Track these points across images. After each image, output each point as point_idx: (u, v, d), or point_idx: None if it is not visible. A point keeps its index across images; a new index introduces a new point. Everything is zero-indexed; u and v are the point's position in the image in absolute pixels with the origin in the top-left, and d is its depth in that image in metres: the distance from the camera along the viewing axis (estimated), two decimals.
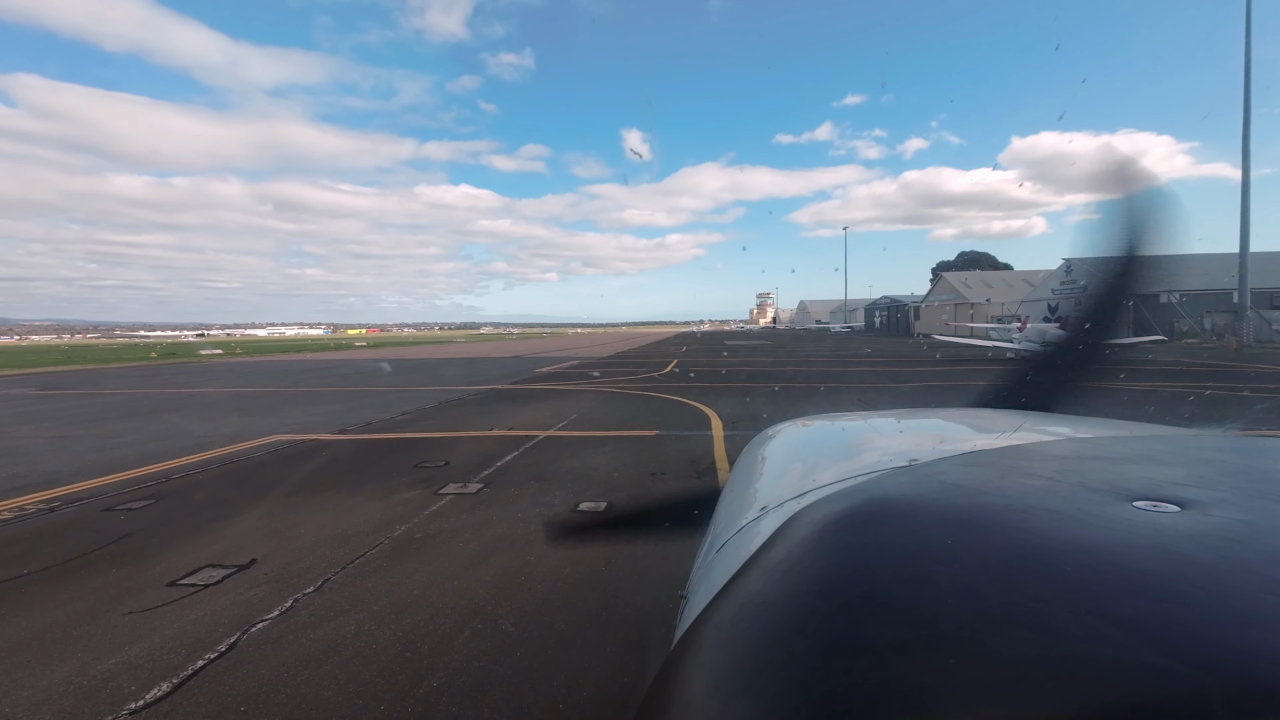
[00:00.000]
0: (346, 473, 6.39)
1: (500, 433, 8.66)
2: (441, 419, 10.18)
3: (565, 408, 11.17)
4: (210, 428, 9.74)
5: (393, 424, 9.77)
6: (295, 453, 7.56)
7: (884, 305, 77.64)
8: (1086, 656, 0.32)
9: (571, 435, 8.40)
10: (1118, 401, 10.93)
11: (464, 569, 3.74)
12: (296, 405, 12.56)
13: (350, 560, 3.90)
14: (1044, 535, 0.46)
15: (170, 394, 15.65)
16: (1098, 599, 0.37)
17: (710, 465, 6.53)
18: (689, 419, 9.70)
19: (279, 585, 3.55)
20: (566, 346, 44.99)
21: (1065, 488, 0.57)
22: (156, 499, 5.53)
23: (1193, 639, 0.32)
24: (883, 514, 0.55)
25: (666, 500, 5.17)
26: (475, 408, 11.59)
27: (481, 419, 10.03)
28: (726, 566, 0.70)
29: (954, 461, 0.73)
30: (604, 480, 5.90)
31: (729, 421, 9.37)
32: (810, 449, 1.30)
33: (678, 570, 2.19)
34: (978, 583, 0.41)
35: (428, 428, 9.29)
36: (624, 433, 8.53)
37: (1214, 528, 0.45)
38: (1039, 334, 24.15)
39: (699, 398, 12.30)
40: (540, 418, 9.96)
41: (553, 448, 7.53)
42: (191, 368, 27.34)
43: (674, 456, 6.99)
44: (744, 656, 0.41)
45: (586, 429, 8.86)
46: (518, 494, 5.41)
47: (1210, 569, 0.39)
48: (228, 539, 4.37)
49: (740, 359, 26.40)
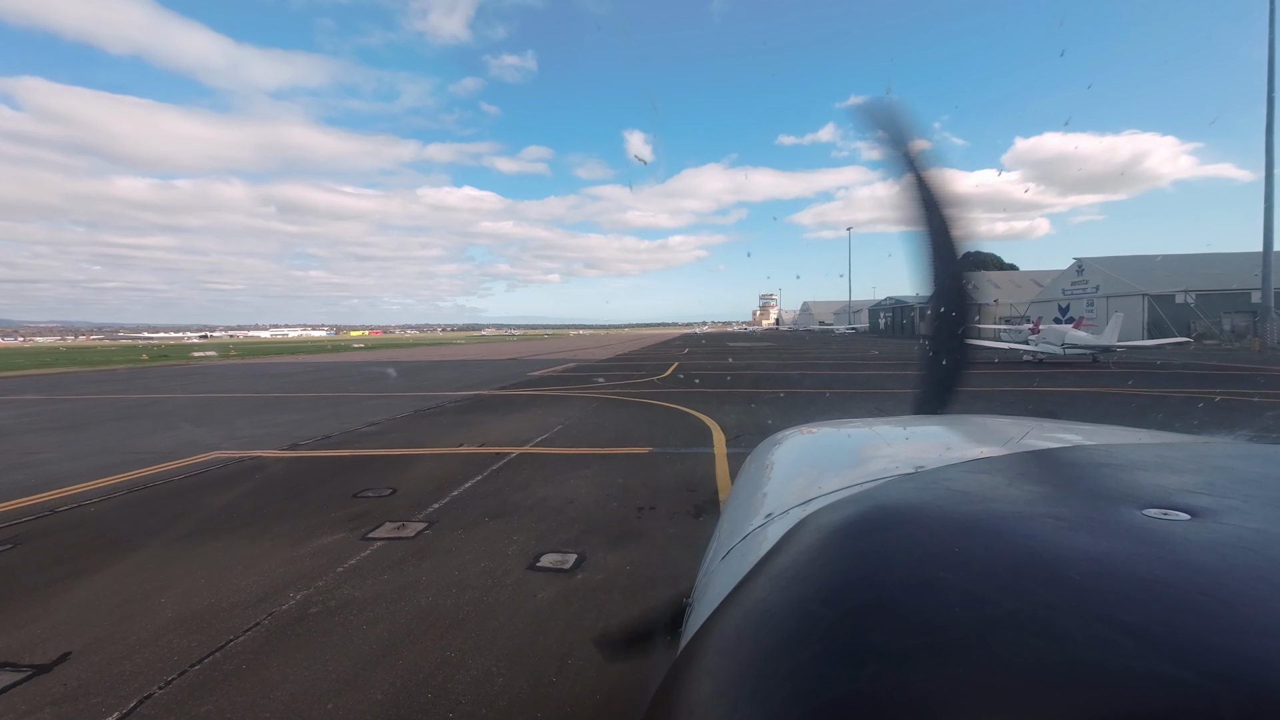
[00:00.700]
0: (268, 505, 5.27)
1: (470, 449, 7.53)
2: (411, 431, 9.06)
3: (551, 418, 10.04)
4: (149, 441, 8.64)
5: (354, 437, 8.66)
6: (224, 476, 6.45)
7: (889, 306, 76.28)
8: (1096, 665, 0.32)
9: (551, 453, 7.27)
10: (1167, 410, 9.82)
11: (355, 674, 2.60)
12: (261, 414, 11.47)
13: (201, 657, 2.77)
14: (1052, 542, 0.45)
15: (134, 400, 14.58)
16: (1107, 607, 0.36)
17: (712, 495, 5.39)
18: (688, 432, 8.56)
19: (68, 710, 2.42)
20: (566, 348, 43.90)
21: (1073, 494, 0.57)
22: (14, 543, 4.41)
23: (1204, 648, 0.32)
24: (889, 521, 0.54)
25: (653, 548, 4.03)
26: (453, 417, 10.47)
27: (454, 431, 8.91)
28: (732, 573, 0.68)
29: (960, 468, 0.72)
30: (578, 518, 4.76)
31: (733, 435, 8.22)
32: (816, 456, 1.28)
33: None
34: (985, 590, 0.40)
35: (391, 442, 8.16)
36: (612, 450, 7.39)
37: (1225, 535, 0.45)
38: (1058, 336, 22.88)
39: (700, 406, 11.15)
40: (520, 430, 8.84)
41: (526, 469, 6.39)
42: (175, 371, 26.33)
43: (668, 482, 5.84)
44: (749, 663, 0.41)
45: (570, 444, 7.72)
46: (465, 539, 4.27)
47: (1222, 577, 0.38)
48: (51, 615, 3.23)
49: (744, 362, 25.24)
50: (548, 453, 7.28)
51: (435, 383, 17.74)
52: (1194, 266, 43.32)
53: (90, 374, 24.99)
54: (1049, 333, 23.77)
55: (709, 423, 9.29)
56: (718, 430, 8.62)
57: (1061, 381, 15.03)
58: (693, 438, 8.12)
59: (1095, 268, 44.52)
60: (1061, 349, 22.36)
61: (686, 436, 8.22)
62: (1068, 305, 46.55)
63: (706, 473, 6.20)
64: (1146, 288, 40.78)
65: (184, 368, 28.75)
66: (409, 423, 9.93)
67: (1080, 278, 46.33)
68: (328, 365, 27.82)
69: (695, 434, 8.40)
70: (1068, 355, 22.19)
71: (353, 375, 21.33)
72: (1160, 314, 39.13)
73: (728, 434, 8.29)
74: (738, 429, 8.72)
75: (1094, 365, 21.14)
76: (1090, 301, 44.43)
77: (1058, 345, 22.60)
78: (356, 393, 15.19)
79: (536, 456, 7.06)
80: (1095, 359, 22.19)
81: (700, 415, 10.03)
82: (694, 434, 8.40)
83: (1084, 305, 44.48)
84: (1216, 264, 42.76)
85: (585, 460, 6.82)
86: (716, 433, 8.45)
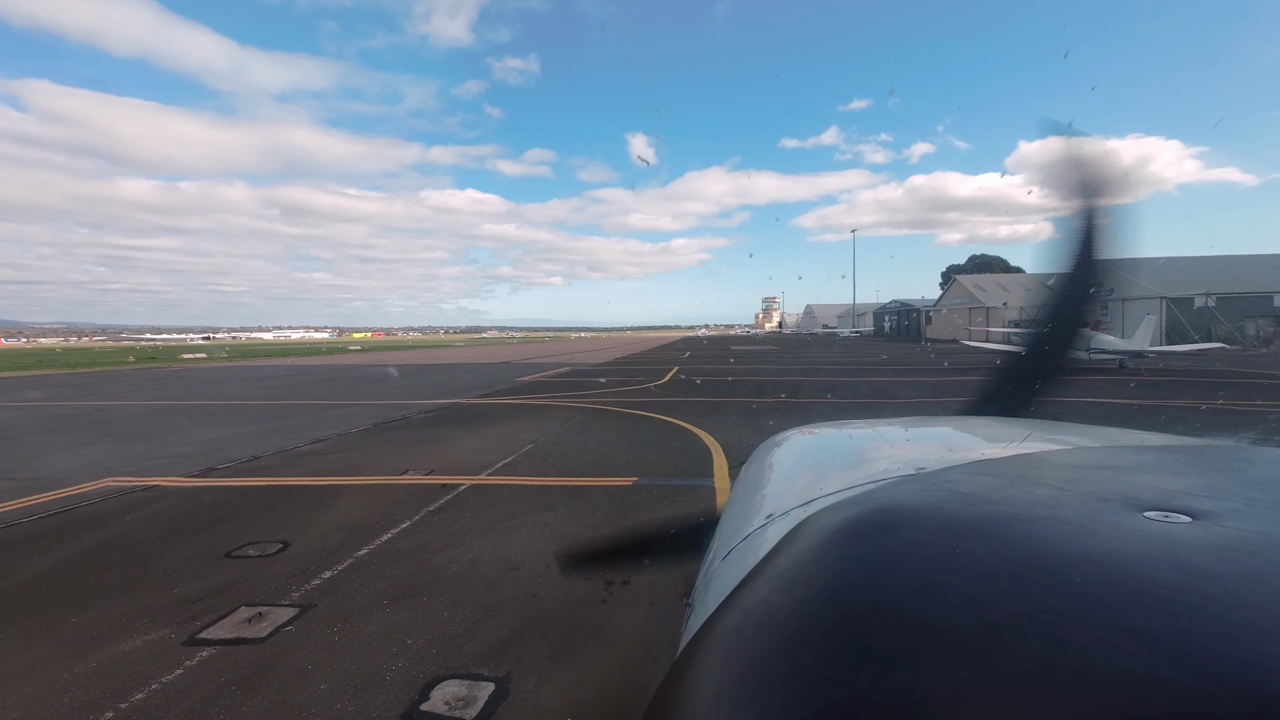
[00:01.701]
0: (104, 568, 3.87)
1: (414, 479, 6.13)
2: (356, 451, 7.67)
3: (525, 434, 8.64)
4: (42, 463, 7.27)
5: (287, 459, 7.27)
6: (90, 517, 5.06)
7: (894, 309, 74.61)
8: (1098, 669, 0.31)
9: (512, 484, 5.86)
10: (1244, 424, 8.39)
11: None
12: (203, 426, 10.10)
13: None
14: (1054, 545, 0.45)
15: (76, 408, 13.24)
16: (1109, 610, 0.36)
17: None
18: (684, 454, 7.14)
19: None
20: (564, 351, 42.52)
21: (1075, 497, 0.57)
22: None
23: (1207, 652, 0.32)
24: (890, 523, 0.54)
25: (621, 666, 2.63)
26: (413, 432, 9.07)
27: (406, 452, 7.51)
28: (732, 574, 0.67)
29: (962, 470, 0.72)
30: (517, 600, 3.34)
31: (737, 459, 6.79)
32: (817, 456, 1.26)
33: None
34: (986, 593, 0.40)
35: (324, 467, 6.77)
36: (588, 480, 5.98)
37: (1227, 539, 0.45)
38: (1082, 340, 21.41)
39: (700, 419, 9.73)
40: (484, 450, 7.43)
41: (471, 511, 4.98)
42: (152, 375, 25.02)
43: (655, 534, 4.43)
44: (750, 665, 0.41)
45: (537, 472, 6.31)
46: (335, 647, 2.86)
47: (1224, 581, 0.38)
48: None
49: (747, 366, 23.78)
50: (507, 484, 5.87)
51: (414, 389, 16.37)
52: (1213, 269, 41.75)
53: (60, 377, 23.71)
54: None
55: (709, 442, 7.86)
56: (719, 453, 7.20)
57: (1124, 392, 13.57)
58: (689, 463, 6.70)
59: (1109, 270, 43.03)
60: (1086, 354, 20.89)
61: (682, 460, 6.80)
62: None
63: (706, 513, 4.78)
64: (1164, 290, 39.24)
65: (164, 371, 27.46)
66: (360, 439, 8.53)
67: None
68: (313, 369, 26.50)
69: (693, 457, 6.98)
70: (1093, 360, 20.76)
71: (331, 380, 19.97)
72: (1179, 317, 37.60)
73: (731, 458, 6.87)
74: (743, 450, 7.29)
75: (1121, 371, 19.70)
76: (1104, 305, 43.01)
77: (1082, 350, 21.09)
78: (323, 400, 13.82)
79: (491, 490, 5.66)
80: (1122, 364, 20.77)
81: (699, 432, 8.61)
82: (691, 457, 6.98)
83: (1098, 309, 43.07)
84: (1237, 266, 41.19)
85: (551, 496, 5.41)
86: (718, 456, 7.03)
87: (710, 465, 6.64)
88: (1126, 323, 39.34)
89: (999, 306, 55.75)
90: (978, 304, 57.14)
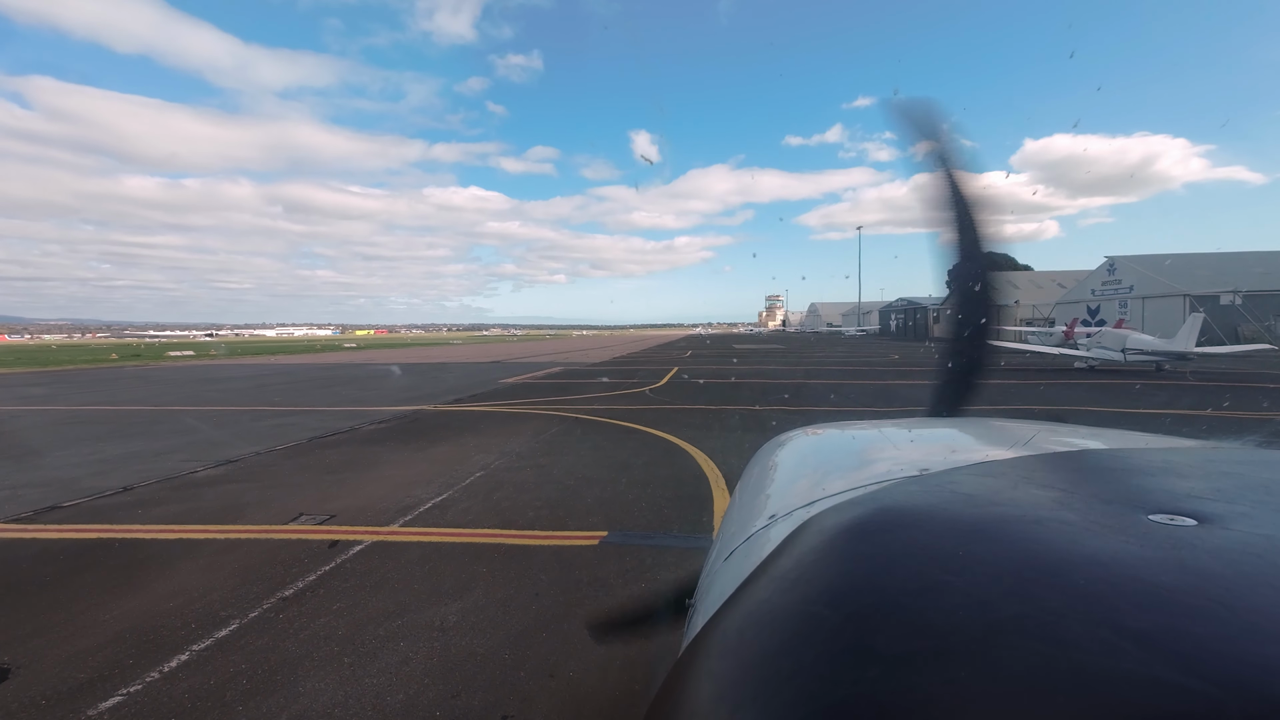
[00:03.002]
0: None
1: (298, 529, 4.46)
2: (255, 482, 6.01)
3: (480, 455, 6.96)
4: None
5: (164, 491, 5.63)
6: None
7: (900, 308, 72.50)
8: (1101, 671, 0.31)
9: (427, 540, 4.18)
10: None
11: None
12: (102, 441, 8.46)
13: None
14: (1057, 547, 0.45)
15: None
16: (1112, 612, 0.36)
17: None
18: (675, 490, 5.44)
19: None
20: (562, 350, 40.89)
21: (1079, 499, 0.56)
22: None
23: (1211, 655, 0.32)
24: (893, 523, 0.53)
25: None
26: (347, 452, 7.41)
27: (317, 484, 5.84)
28: (735, 574, 0.67)
29: (966, 471, 0.71)
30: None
31: None
32: (820, 457, 1.24)
33: None
34: (989, 594, 0.40)
35: (194, 510, 5.11)
36: (535, 535, 4.30)
37: (1232, 542, 0.44)
38: (1117, 340, 19.59)
39: (699, 434, 8.04)
40: (416, 481, 5.76)
41: (341, 599, 3.29)
42: (119, 374, 23.45)
43: (618, 649, 2.75)
44: (752, 665, 0.41)
45: (470, 519, 4.63)
46: None
47: (1229, 584, 0.38)
48: None
49: (751, 367, 22.04)
50: (422, 541, 4.19)
51: (383, 393, 14.73)
52: (1239, 265, 39.75)
53: (18, 376, 22.20)
54: (1105, 336, 20.46)
55: (707, 468, 6.18)
56: (719, 485, 5.52)
57: (1201, 399, 11.80)
58: (680, 504, 5.01)
59: (1129, 266, 41.04)
60: (1122, 354, 19.15)
61: (671, 501, 5.11)
62: (1097, 306, 43.25)
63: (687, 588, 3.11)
64: (1188, 288, 37.29)
65: (133, 370, 25.92)
66: (275, 462, 6.86)
67: (1112, 277, 42.84)
68: (292, 369, 24.89)
69: (685, 494, 5.29)
70: (1129, 362, 19.02)
71: (302, 381, 18.35)
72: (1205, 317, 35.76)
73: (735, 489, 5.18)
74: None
75: (1159, 374, 17.97)
76: (1124, 302, 41.13)
77: (1117, 351, 19.35)
78: (275, 407, 12.19)
79: (394, 553, 3.98)
80: (1159, 367, 19.05)
81: (696, 453, 6.92)
82: (684, 494, 5.29)
83: (1116, 306, 41.16)
84: (1266, 262, 39.19)
85: (475, 566, 3.73)
86: (718, 490, 5.35)
87: (708, 506, 4.96)
88: (1147, 321, 37.53)
89: (1010, 305, 53.81)
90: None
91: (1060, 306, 47.18)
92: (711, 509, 4.91)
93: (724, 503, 4.99)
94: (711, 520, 4.65)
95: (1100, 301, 43.20)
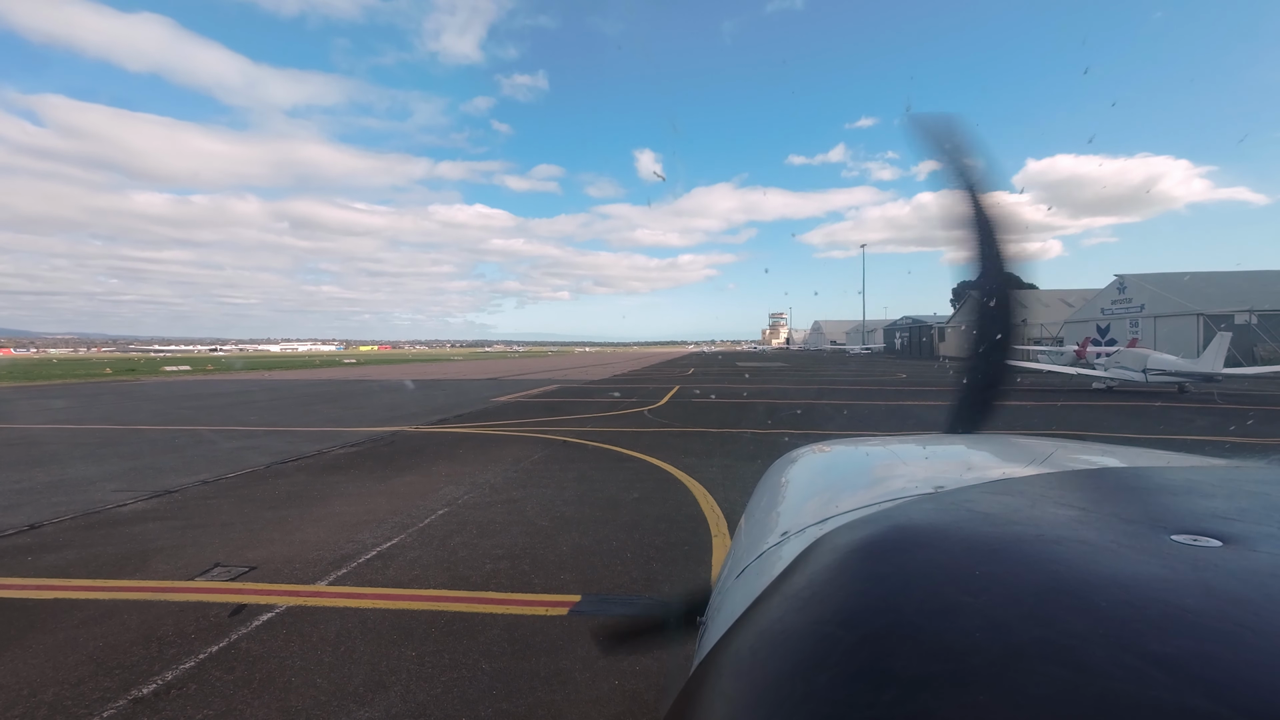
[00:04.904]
0: None
1: (202, 587, 3.62)
2: (182, 518, 5.18)
3: (448, 487, 6.13)
4: None
5: (74, 530, 4.80)
6: None
7: (905, 326, 71.63)
8: (1125, 698, 0.30)
9: (354, 607, 3.33)
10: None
11: None
12: (38, 467, 7.65)
13: None
14: (1077, 568, 0.44)
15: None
16: (1136, 636, 0.34)
17: None
18: (668, 532, 4.58)
19: None
20: (561, 367, 40.13)
21: (1099, 518, 0.55)
22: None
23: (1239, 681, 0.30)
24: (908, 542, 0.52)
25: None
26: (301, 481, 6.59)
27: (250, 523, 5.01)
28: (747, 592, 0.65)
29: (982, 489, 0.69)
30: None
31: None
32: (833, 474, 1.21)
33: None
34: (1008, 616, 0.38)
35: (94, 556, 4.28)
36: (492, 600, 3.45)
37: (1259, 564, 0.43)
38: (1137, 360, 18.70)
39: (699, 463, 7.18)
40: (367, 521, 4.93)
41: (205, 709, 2.49)
42: (103, 389, 22.79)
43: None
44: (764, 686, 0.40)
45: (415, 576, 3.78)
46: None
47: (1257, 608, 0.36)
48: None
49: (756, 386, 21.17)
50: (348, 607, 3.34)
51: (364, 412, 13.94)
52: (1255, 284, 38.89)
53: (6, 391, 21.55)
54: (1124, 356, 19.58)
55: (707, 507, 5.32)
56: (720, 527, 4.67)
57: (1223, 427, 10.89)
58: (676, 555, 4.15)
59: (1140, 285, 40.21)
60: (1143, 375, 18.24)
61: (664, 551, 4.25)
62: (1108, 325, 42.34)
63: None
64: (1202, 307, 36.38)
65: (122, 385, 25.27)
66: (217, 494, 6.03)
67: (1122, 296, 41.97)
68: (282, 384, 24.19)
69: (682, 542, 4.43)
70: (1151, 383, 18.12)
71: (285, 399, 17.59)
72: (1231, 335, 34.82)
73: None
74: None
75: (1183, 396, 17.08)
76: (1134, 321, 40.23)
77: (1137, 371, 18.45)
78: (248, 426, 11.40)
79: (307, 625, 3.13)
80: (1182, 389, 18.17)
81: (695, 487, 6.07)
82: (680, 542, 4.43)
83: (1127, 325, 40.27)
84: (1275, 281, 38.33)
85: (403, 650, 2.88)
86: (718, 535, 4.51)
87: (707, 555, 4.12)
88: (1159, 340, 36.58)
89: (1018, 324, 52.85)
90: None
91: (1069, 325, 46.29)
92: (710, 560, 4.06)
93: (724, 552, 4.15)
94: (706, 571, 3.81)
95: (1110, 320, 42.30)
